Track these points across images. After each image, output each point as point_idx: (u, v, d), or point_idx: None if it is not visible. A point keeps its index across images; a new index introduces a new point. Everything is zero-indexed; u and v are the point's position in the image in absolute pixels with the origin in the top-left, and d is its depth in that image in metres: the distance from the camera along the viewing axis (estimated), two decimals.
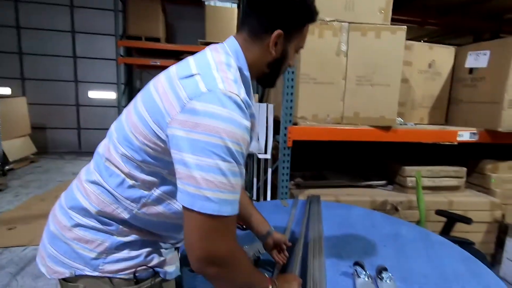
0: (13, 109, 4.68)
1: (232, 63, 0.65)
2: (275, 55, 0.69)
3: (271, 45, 0.67)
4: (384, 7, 1.63)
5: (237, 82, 0.62)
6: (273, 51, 0.68)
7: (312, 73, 1.63)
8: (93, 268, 0.65)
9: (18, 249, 2.34)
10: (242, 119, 0.58)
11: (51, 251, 0.68)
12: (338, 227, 1.20)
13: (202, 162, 0.54)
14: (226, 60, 0.64)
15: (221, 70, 0.61)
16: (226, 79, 0.59)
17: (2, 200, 3.33)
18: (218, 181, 0.55)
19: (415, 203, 1.76)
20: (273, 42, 0.67)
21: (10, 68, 5.55)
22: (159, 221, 0.69)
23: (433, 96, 2.10)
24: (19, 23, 5.48)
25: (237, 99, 0.58)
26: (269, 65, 0.70)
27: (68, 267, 0.66)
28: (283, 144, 1.67)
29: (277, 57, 0.69)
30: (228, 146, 0.55)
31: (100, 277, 0.65)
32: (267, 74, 0.72)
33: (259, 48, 0.68)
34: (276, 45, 0.68)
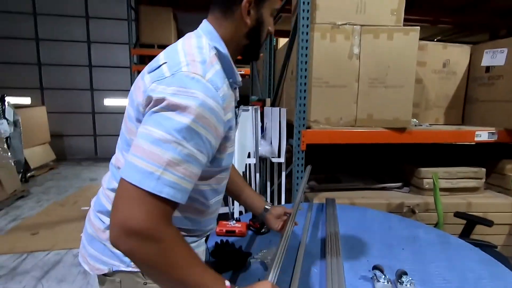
0: (34, 118, 4.87)
1: (203, 44, 0.64)
2: (250, 23, 0.68)
3: (243, 15, 0.67)
4: (396, 8, 1.62)
5: (205, 63, 0.60)
6: (247, 20, 0.68)
7: (324, 76, 1.64)
8: (126, 264, 0.69)
9: (41, 253, 2.43)
10: (205, 98, 0.55)
11: (91, 251, 0.74)
12: (355, 230, 1.20)
13: (159, 134, 0.53)
14: (197, 43, 0.64)
15: (188, 54, 0.61)
16: (191, 62, 0.59)
17: (25, 206, 3.47)
18: (165, 158, 0.52)
19: (432, 205, 1.74)
20: (245, 11, 0.66)
21: (30, 78, 5.78)
22: (175, 216, 0.70)
23: (449, 96, 2.07)
24: (38, 35, 5.71)
25: (199, 79, 0.57)
26: (247, 35, 0.70)
27: (106, 264, 0.71)
28: (296, 147, 1.68)
29: (253, 26, 0.69)
30: (187, 125, 0.53)
31: (134, 272, 0.69)
32: (248, 46, 0.71)
33: (233, 21, 0.68)
34: (249, 14, 0.67)
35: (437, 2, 2.51)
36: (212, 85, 0.58)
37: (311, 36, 1.59)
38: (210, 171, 0.69)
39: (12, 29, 5.56)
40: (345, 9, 1.61)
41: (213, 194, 0.74)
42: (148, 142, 0.53)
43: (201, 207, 0.74)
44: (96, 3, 5.78)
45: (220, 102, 0.58)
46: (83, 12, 5.79)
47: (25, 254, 2.42)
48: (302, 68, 1.60)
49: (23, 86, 5.76)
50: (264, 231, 1.15)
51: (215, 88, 0.58)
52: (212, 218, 0.81)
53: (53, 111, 5.68)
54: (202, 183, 0.69)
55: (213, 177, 0.71)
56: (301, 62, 1.59)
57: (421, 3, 2.51)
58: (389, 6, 1.62)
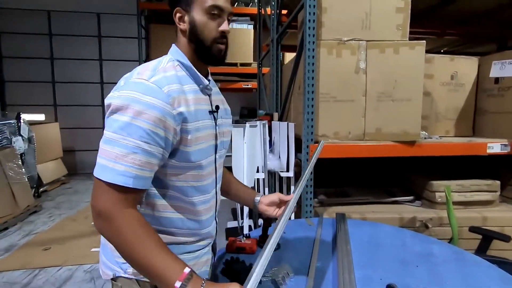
0: (47, 134, 5.00)
1: (163, 59, 0.75)
2: (187, 28, 0.76)
3: (177, 24, 0.77)
4: (402, 23, 1.64)
5: (155, 70, 0.71)
6: (182, 26, 0.76)
7: (331, 91, 1.66)
8: (123, 271, 0.77)
9: (53, 269, 2.45)
10: (144, 96, 0.65)
11: (102, 257, 0.83)
12: (367, 246, 1.18)
13: (108, 135, 0.64)
14: (156, 62, 0.74)
15: (144, 66, 0.72)
16: (142, 71, 0.70)
17: (38, 221, 3.52)
18: (114, 153, 0.63)
19: (446, 219, 1.70)
20: (177, 20, 0.76)
21: (45, 96, 5.98)
22: (163, 216, 0.77)
23: (458, 108, 2.05)
24: (53, 55, 5.94)
25: (142, 82, 0.67)
26: (190, 40, 0.77)
27: (111, 269, 0.79)
28: (305, 162, 1.68)
29: (189, 29, 0.76)
30: (132, 123, 0.63)
31: (130, 278, 0.77)
32: (197, 49, 0.77)
33: (181, 34, 0.78)
34: (182, 20, 0.76)
35: (443, 15, 2.53)
36: (155, 84, 0.67)
37: (317, 52, 1.62)
38: (179, 166, 0.74)
39: (29, 49, 5.81)
40: (350, 25, 1.64)
41: (194, 191, 0.78)
42: (103, 142, 0.64)
43: (182, 204, 0.78)
44: (108, 23, 6.01)
45: (163, 98, 0.67)
46: (96, 32, 6.02)
47: (37, 269, 2.44)
48: (309, 83, 1.62)
49: (38, 103, 5.95)
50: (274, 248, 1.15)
51: (158, 86, 0.67)
52: (204, 220, 0.83)
53: (65, 127, 5.83)
54: (177, 179, 0.75)
55: (187, 173, 0.76)
56: (308, 78, 1.62)
57: (426, 16, 2.53)
58: (395, 22, 1.64)
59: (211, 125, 0.81)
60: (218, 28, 0.76)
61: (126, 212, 0.64)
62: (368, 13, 1.63)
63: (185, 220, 0.79)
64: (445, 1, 2.31)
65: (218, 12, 0.75)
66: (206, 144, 0.78)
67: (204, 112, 0.78)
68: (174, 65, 0.75)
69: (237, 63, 4.89)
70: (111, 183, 0.63)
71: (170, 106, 0.67)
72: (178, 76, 0.74)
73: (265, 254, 0.59)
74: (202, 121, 0.77)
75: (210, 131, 0.80)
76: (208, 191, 0.83)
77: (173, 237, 0.79)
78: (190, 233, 0.81)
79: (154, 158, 0.67)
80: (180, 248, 0.80)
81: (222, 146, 0.88)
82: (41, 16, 5.80)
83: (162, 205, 0.77)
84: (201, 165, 0.77)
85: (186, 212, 0.79)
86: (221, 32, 0.76)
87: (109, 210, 0.63)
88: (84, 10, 5.86)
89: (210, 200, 0.85)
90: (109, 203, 0.63)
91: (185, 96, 0.72)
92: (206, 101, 0.81)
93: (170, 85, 0.69)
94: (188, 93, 0.74)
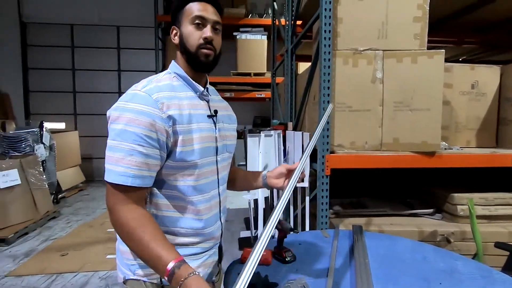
0: (67, 142, 5.18)
1: (160, 74, 0.85)
2: (177, 41, 0.85)
3: (172, 40, 0.86)
4: (419, 33, 1.62)
5: (150, 81, 0.79)
6: (175, 41, 0.86)
7: (347, 101, 1.65)
8: (132, 272, 0.82)
9: (70, 275, 2.49)
10: (135, 105, 0.73)
11: (117, 262, 0.88)
12: (386, 261, 1.14)
13: (109, 142, 0.73)
14: (153, 76, 0.83)
15: (140, 81, 0.80)
16: (137, 84, 0.79)
17: (56, 227, 3.61)
18: (114, 157, 0.72)
19: (469, 234, 1.63)
20: (172, 36, 0.86)
21: (66, 105, 6.23)
22: (166, 215, 0.82)
23: (479, 117, 1.99)
24: (74, 66, 6.20)
25: (135, 92, 0.76)
26: (181, 52, 0.85)
27: (122, 272, 0.85)
28: (321, 172, 1.66)
29: (180, 42, 0.84)
30: (126, 129, 0.71)
31: (138, 280, 0.82)
32: (188, 58, 0.84)
33: (177, 50, 0.87)
34: (175, 36, 0.85)
35: (461, 23, 2.49)
36: (146, 93, 0.75)
37: (333, 62, 1.62)
38: (175, 166, 0.80)
39: (52, 61, 6.09)
40: (367, 35, 1.63)
41: (193, 191, 0.83)
42: (106, 150, 0.74)
43: (183, 203, 0.83)
44: (127, 35, 6.24)
45: (152, 103, 0.74)
46: (115, 44, 6.25)
47: (54, 275, 2.49)
48: (325, 93, 1.61)
49: (59, 112, 6.19)
50: (289, 259, 1.13)
51: (148, 94, 0.75)
52: (205, 219, 0.86)
53: (84, 135, 6.02)
54: (174, 179, 0.81)
55: (184, 173, 0.81)
56: (324, 88, 1.61)
57: (444, 25, 2.49)
58: (412, 31, 1.63)
59: (210, 128, 0.87)
60: (202, 36, 0.83)
61: (127, 207, 0.72)
62: (385, 22, 1.62)
63: (186, 219, 0.84)
64: (463, 10, 2.27)
65: (202, 21, 0.82)
66: (202, 145, 0.83)
67: (201, 115, 0.85)
68: (171, 77, 0.84)
69: (250, 73, 4.95)
70: (114, 183, 0.72)
71: (159, 110, 0.74)
72: (173, 85, 0.82)
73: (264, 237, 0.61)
74: (198, 123, 0.83)
75: (208, 133, 0.85)
76: (206, 190, 0.86)
77: (176, 237, 0.83)
78: (193, 233, 0.85)
79: (151, 158, 0.74)
80: (185, 250, 0.83)
81: (224, 149, 0.93)
82: (65, 30, 6.08)
83: (165, 204, 0.82)
84: (196, 164, 0.82)
85: (188, 212, 0.83)
86: (204, 39, 0.82)
87: (113, 206, 0.73)
88: (104, 24, 6.11)
89: (211, 200, 0.89)
90: (114, 199, 0.73)
91: (178, 101, 0.79)
92: (204, 106, 0.88)
93: (160, 92, 0.77)
94: (184, 99, 0.81)
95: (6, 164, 3.37)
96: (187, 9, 0.83)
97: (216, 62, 0.87)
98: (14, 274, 2.49)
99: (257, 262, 0.58)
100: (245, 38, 4.90)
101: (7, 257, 2.81)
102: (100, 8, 6.05)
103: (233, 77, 5.00)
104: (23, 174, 3.52)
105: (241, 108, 6.19)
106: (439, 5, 1.85)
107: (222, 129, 0.92)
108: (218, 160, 0.90)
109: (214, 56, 0.85)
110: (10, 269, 2.59)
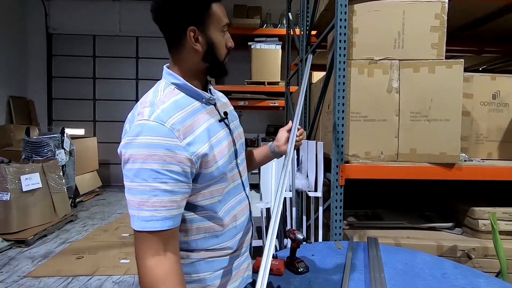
0: (86, 147, 5.35)
1: (159, 88, 0.74)
2: (202, 49, 0.73)
3: (193, 44, 0.72)
4: (437, 42, 1.60)
5: (154, 104, 0.69)
6: (198, 48, 0.73)
7: (363, 111, 1.63)
8: None
9: (85, 278, 2.54)
10: (148, 139, 0.64)
11: None
12: (403, 276, 1.10)
13: (127, 185, 0.65)
14: (153, 89, 0.74)
15: (142, 103, 0.71)
16: (142, 110, 0.68)
17: (73, 230, 3.71)
18: (136, 201, 0.64)
19: (491, 250, 1.55)
20: (193, 40, 0.72)
21: (86, 112, 6.46)
22: (194, 239, 0.76)
23: (502, 128, 1.91)
24: (95, 75, 6.45)
25: (144, 123, 0.65)
26: (204, 59, 0.75)
27: None
28: (335, 182, 1.64)
29: (205, 50, 0.73)
30: (143, 168, 0.63)
31: None
32: (210, 67, 0.77)
33: (187, 53, 0.74)
34: (198, 41, 0.72)
35: (481, 33, 2.43)
36: (157, 121, 0.65)
37: (348, 71, 1.61)
38: (203, 186, 0.73)
39: (75, 70, 6.37)
40: (382, 45, 1.62)
41: (219, 204, 0.77)
42: (126, 193, 0.66)
43: (216, 222, 0.77)
44: (145, 45, 6.46)
45: (168, 133, 0.65)
46: (134, 54, 6.48)
47: (70, 277, 2.54)
48: (340, 102, 1.61)
49: (80, 119, 6.43)
50: (302, 270, 1.11)
51: (160, 123, 0.65)
52: (232, 228, 0.82)
53: (102, 141, 6.20)
54: (202, 198, 0.74)
55: (212, 189, 0.75)
56: (338, 97, 1.61)
57: (463, 34, 2.44)
58: (429, 41, 1.60)
59: (226, 134, 0.80)
60: (227, 44, 0.78)
61: (156, 259, 0.64)
62: (401, 32, 1.61)
63: (219, 236, 0.79)
64: (483, 19, 2.22)
65: (227, 28, 0.77)
66: (227, 156, 0.77)
67: (214, 125, 0.77)
68: (171, 89, 0.74)
69: (264, 82, 4.98)
70: (141, 231, 0.64)
71: (176, 140, 0.66)
72: (178, 101, 0.72)
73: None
74: (215, 136, 0.75)
75: (227, 141, 0.79)
76: (229, 199, 0.82)
77: (212, 252, 0.79)
78: (226, 247, 0.80)
79: (177, 194, 0.66)
80: (221, 262, 0.80)
81: (242, 148, 0.89)
82: (87, 41, 6.36)
83: (197, 228, 0.76)
84: (225, 176, 0.77)
85: (217, 230, 0.78)
86: (229, 48, 0.79)
87: (141, 258, 0.64)
88: (124, 35, 6.36)
89: (241, 203, 0.85)
90: (142, 249, 0.64)
91: (189, 120, 0.70)
92: (213, 112, 0.80)
93: (171, 117, 0.67)
94: (193, 115, 0.72)
95: (29, 168, 3.51)
96: (215, 13, 0.73)
97: None
98: (32, 275, 2.57)
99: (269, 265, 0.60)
100: (260, 48, 4.96)
101: (26, 258, 2.90)
102: (121, 20, 6.31)
103: (247, 86, 5.05)
104: (44, 178, 3.65)
105: (254, 116, 6.24)
106: (457, 14, 1.82)
107: (234, 129, 0.86)
108: (239, 163, 0.85)
109: None
110: (29, 269, 2.66)
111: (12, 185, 3.29)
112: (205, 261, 0.77)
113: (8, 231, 3.22)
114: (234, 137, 0.84)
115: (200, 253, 0.76)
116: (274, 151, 1.06)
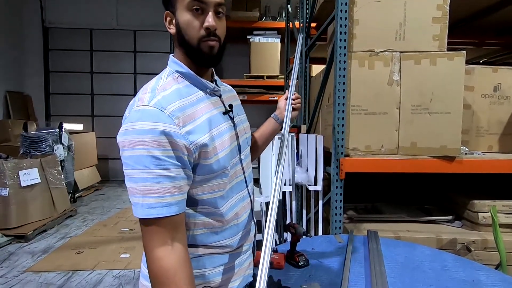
0: (85, 143, 5.32)
1: (162, 75, 0.73)
2: (174, 32, 0.72)
3: (168, 28, 0.73)
4: (439, 34, 1.58)
5: (155, 90, 0.67)
6: (170, 30, 0.73)
7: (363, 104, 1.61)
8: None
9: (85, 272, 2.54)
10: (147, 125, 0.62)
11: (142, 268, 0.80)
12: (403, 269, 1.10)
13: (128, 173, 0.63)
14: (155, 81, 0.71)
15: (143, 89, 0.69)
16: (142, 98, 0.67)
17: (73, 225, 3.71)
18: (139, 188, 0.62)
19: (491, 243, 1.56)
20: (166, 24, 0.73)
21: (84, 107, 6.41)
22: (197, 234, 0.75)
23: (502, 121, 1.90)
24: (93, 69, 6.39)
25: (143, 109, 0.64)
26: (179, 44, 0.72)
27: (143, 285, 0.77)
28: (335, 176, 1.63)
29: (177, 32, 0.71)
30: (144, 155, 0.61)
31: None
32: (187, 52, 0.71)
33: (175, 41, 0.74)
34: (171, 24, 0.72)
35: (482, 25, 2.40)
36: (156, 107, 0.64)
37: (348, 64, 1.59)
38: (202, 179, 0.71)
39: (72, 64, 6.30)
40: (383, 36, 1.60)
41: (221, 201, 0.75)
42: (127, 181, 0.64)
43: (215, 218, 0.75)
44: (143, 39, 6.38)
45: (167, 120, 0.64)
46: (132, 48, 6.41)
47: (70, 272, 2.55)
48: (340, 95, 1.59)
49: (78, 114, 6.38)
50: (303, 264, 1.11)
51: (159, 109, 0.64)
52: (233, 225, 0.79)
53: (100, 136, 6.17)
54: (203, 192, 0.72)
55: (213, 184, 0.73)
56: (339, 90, 1.59)
57: (464, 26, 2.41)
58: (431, 32, 1.58)
59: (229, 127, 0.77)
60: (203, 25, 0.68)
61: (164, 248, 0.62)
62: (402, 23, 1.59)
63: (217, 231, 0.77)
64: (485, 11, 2.20)
65: (201, 6, 0.67)
66: (228, 149, 0.74)
67: (217, 116, 0.74)
68: (175, 77, 0.72)
69: (263, 75, 4.95)
70: (147, 218, 0.62)
71: (175, 126, 0.64)
72: (180, 89, 0.70)
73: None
74: (217, 128, 0.73)
75: (229, 134, 0.76)
76: (233, 196, 0.79)
77: (211, 249, 0.77)
78: (229, 245, 0.79)
79: (179, 180, 0.65)
80: (222, 259, 0.79)
81: (246, 143, 0.86)
82: (84, 34, 6.28)
83: (194, 223, 0.74)
84: (226, 171, 0.74)
85: (216, 223, 0.76)
86: (207, 29, 0.68)
87: (150, 248, 0.63)
88: (122, 28, 6.28)
89: (244, 200, 0.82)
90: (150, 238, 0.63)
91: (191, 110, 0.68)
92: (217, 103, 0.77)
93: (171, 105, 0.65)
94: (195, 104, 0.70)
95: (28, 163, 3.49)
96: None
97: (222, 53, 0.73)
98: (32, 270, 2.57)
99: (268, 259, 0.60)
100: (259, 41, 4.91)
101: (26, 253, 2.90)
102: (118, 14, 6.22)
103: (246, 79, 5.01)
104: (42, 173, 3.63)
105: (254, 110, 6.19)
106: (459, 5, 1.79)
107: (239, 123, 0.83)
108: (242, 158, 0.82)
109: (219, 47, 0.72)
110: (28, 264, 2.67)
111: (11, 180, 3.28)
112: (205, 257, 0.76)
113: (7, 227, 3.22)
114: (238, 131, 0.82)
115: (198, 249, 0.75)
116: (278, 120, 1.12)
